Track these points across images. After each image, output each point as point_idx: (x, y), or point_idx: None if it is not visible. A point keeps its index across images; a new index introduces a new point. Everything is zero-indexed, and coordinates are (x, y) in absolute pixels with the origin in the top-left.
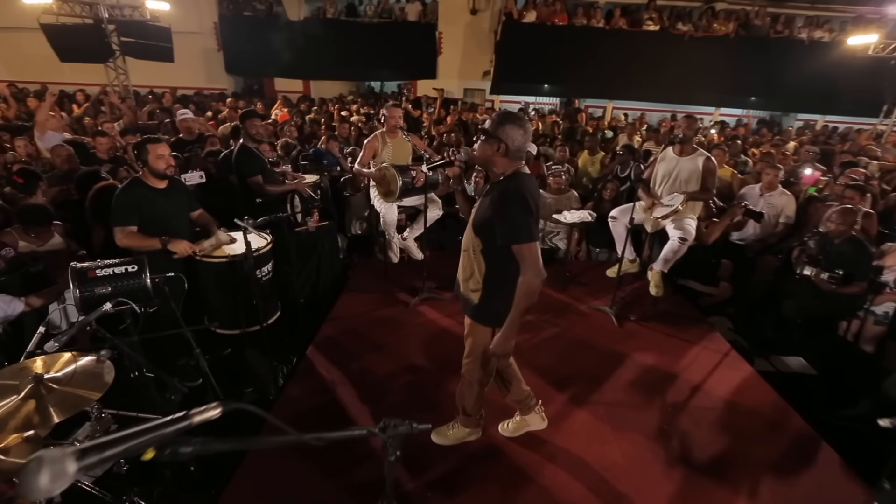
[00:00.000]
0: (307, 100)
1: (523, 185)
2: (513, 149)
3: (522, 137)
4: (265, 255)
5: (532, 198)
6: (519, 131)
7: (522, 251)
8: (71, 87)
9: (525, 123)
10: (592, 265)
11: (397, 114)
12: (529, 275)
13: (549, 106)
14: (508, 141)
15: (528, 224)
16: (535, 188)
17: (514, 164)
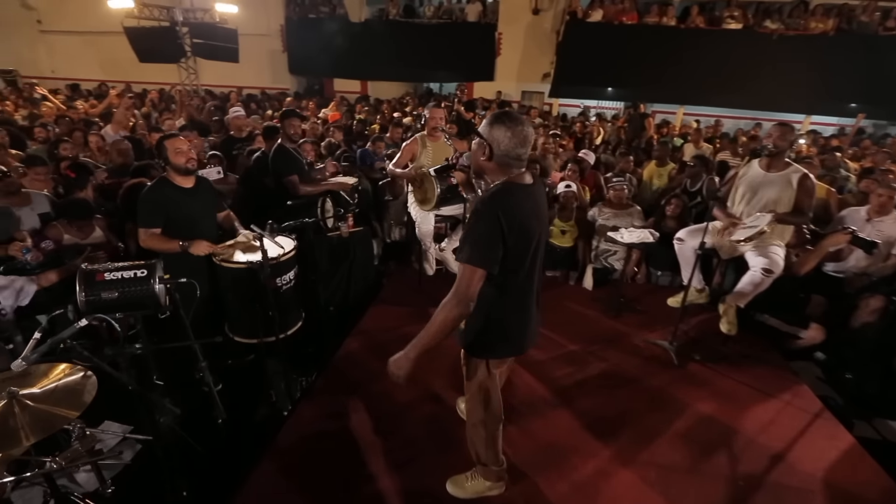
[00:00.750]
0: (364, 100)
1: (506, 199)
2: (498, 153)
3: (510, 141)
4: (287, 262)
5: (513, 216)
6: (506, 133)
7: (462, 271)
8: (150, 86)
9: (518, 125)
10: (651, 290)
11: (438, 115)
12: (452, 301)
13: (612, 110)
14: (493, 144)
15: (482, 247)
16: (529, 205)
17: (503, 171)
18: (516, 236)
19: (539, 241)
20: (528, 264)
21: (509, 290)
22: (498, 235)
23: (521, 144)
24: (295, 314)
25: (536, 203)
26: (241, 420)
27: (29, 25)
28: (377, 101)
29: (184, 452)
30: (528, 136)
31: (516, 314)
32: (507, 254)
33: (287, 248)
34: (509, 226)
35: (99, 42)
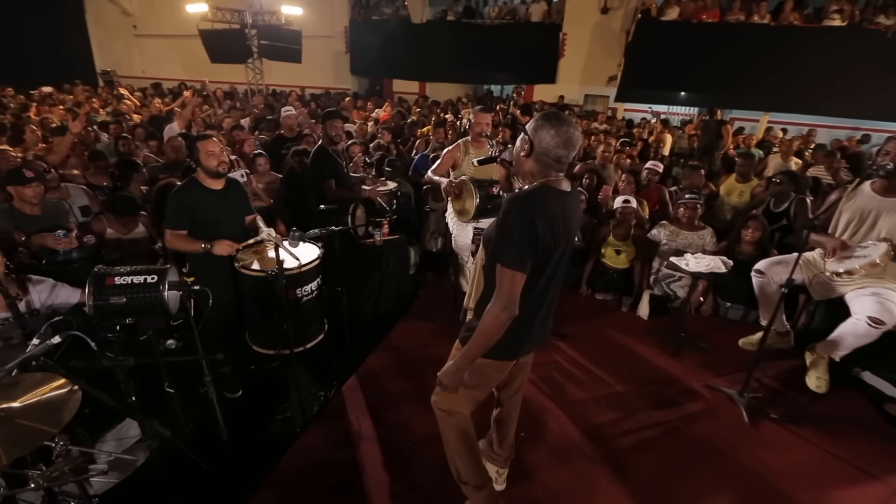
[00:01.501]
0: (422, 102)
1: (542, 201)
2: (538, 150)
3: (552, 140)
4: (310, 272)
5: (547, 220)
6: (550, 132)
7: (502, 275)
8: (223, 85)
9: (563, 126)
10: (719, 325)
11: (484, 120)
12: (497, 306)
13: (683, 116)
14: (535, 140)
15: (520, 248)
16: (566, 210)
17: (541, 172)
18: (545, 243)
19: (563, 253)
20: (549, 274)
21: (530, 289)
22: (533, 238)
23: (563, 146)
24: (317, 326)
25: (569, 212)
26: (249, 435)
27: (126, 30)
28: (434, 103)
29: (184, 469)
30: (572, 138)
31: (520, 323)
32: (538, 256)
33: (309, 258)
34: (550, 229)
35: (181, 44)
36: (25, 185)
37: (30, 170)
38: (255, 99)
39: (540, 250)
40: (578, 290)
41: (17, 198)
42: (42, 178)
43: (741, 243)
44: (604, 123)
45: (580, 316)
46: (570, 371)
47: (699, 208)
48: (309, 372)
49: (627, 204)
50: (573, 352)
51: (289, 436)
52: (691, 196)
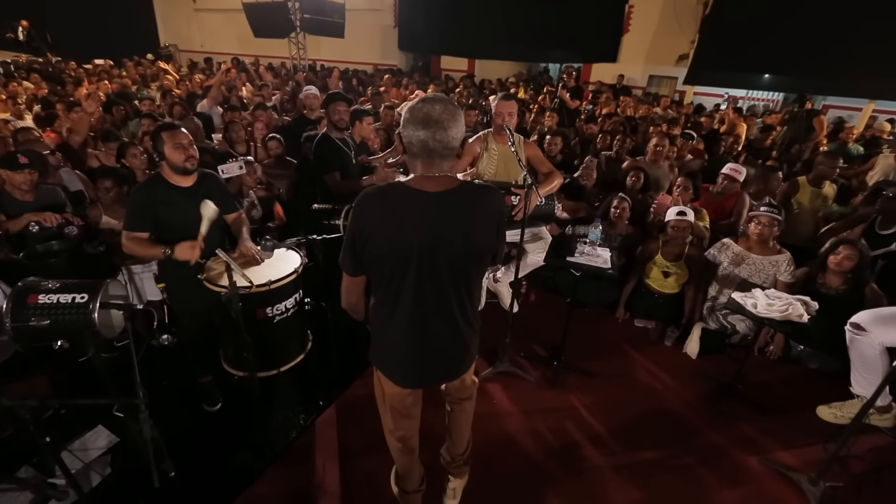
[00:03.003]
0: (468, 80)
1: (373, 198)
2: (406, 143)
3: (408, 124)
4: (285, 288)
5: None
6: (406, 115)
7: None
8: (274, 60)
9: (418, 104)
10: (790, 375)
11: (506, 109)
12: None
13: (766, 102)
14: (403, 131)
15: (345, 248)
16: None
17: (415, 164)
18: (368, 244)
19: (427, 262)
20: (410, 286)
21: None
22: (350, 238)
23: (422, 124)
24: (296, 346)
25: (428, 214)
26: (201, 472)
27: (186, 5)
28: (482, 82)
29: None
30: (429, 113)
31: (392, 334)
32: (364, 263)
33: (284, 272)
34: (359, 231)
35: (236, 18)
36: (16, 170)
37: (25, 155)
38: (298, 75)
39: (367, 255)
40: (615, 313)
41: (9, 182)
42: (36, 164)
43: (827, 272)
44: (667, 108)
45: (611, 347)
46: (588, 422)
47: (777, 226)
48: (285, 397)
49: (682, 218)
50: (595, 395)
51: (246, 477)
52: (768, 209)
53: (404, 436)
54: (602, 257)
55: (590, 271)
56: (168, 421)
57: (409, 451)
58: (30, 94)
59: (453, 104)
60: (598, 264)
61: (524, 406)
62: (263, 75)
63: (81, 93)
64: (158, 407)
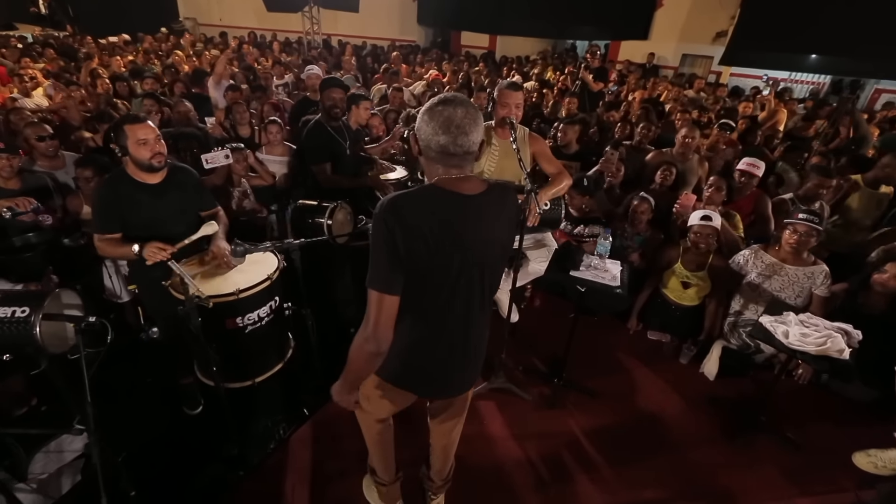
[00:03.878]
0: (488, 58)
1: (410, 206)
2: (422, 144)
3: (427, 127)
4: (259, 295)
5: (415, 228)
6: (424, 118)
7: (369, 297)
8: (292, 34)
9: (438, 107)
10: (821, 405)
11: (512, 100)
12: (362, 333)
13: (810, 85)
14: (418, 133)
15: (382, 264)
16: (464, 216)
17: (431, 169)
18: (415, 256)
19: (467, 269)
20: (445, 296)
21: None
22: (393, 251)
23: (443, 129)
24: (273, 355)
25: (471, 218)
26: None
27: None
28: (503, 59)
29: None
30: (451, 117)
31: (415, 352)
32: (409, 274)
33: (257, 279)
34: (405, 241)
35: None
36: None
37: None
38: (311, 52)
39: (410, 266)
40: (626, 323)
41: None
42: (14, 150)
43: (870, 291)
44: (700, 91)
45: (620, 362)
46: (586, 452)
47: (815, 236)
48: (262, 407)
49: (707, 223)
50: (597, 419)
51: (211, 498)
52: (806, 217)
53: (387, 419)
54: (611, 272)
55: (595, 289)
56: (145, 424)
57: (389, 429)
58: (42, 71)
59: (474, 107)
60: (605, 281)
61: (517, 429)
62: (276, 51)
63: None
64: (137, 408)
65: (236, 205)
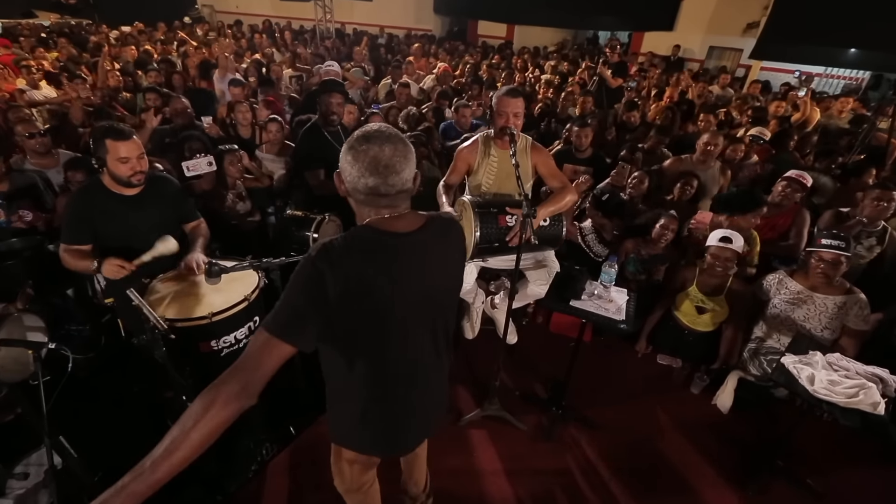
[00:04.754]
0: (504, 49)
1: (345, 249)
2: (349, 188)
3: (352, 169)
4: (235, 317)
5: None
6: (347, 159)
7: (257, 343)
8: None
9: (361, 146)
10: (847, 448)
11: (511, 109)
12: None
13: (849, 81)
14: (343, 171)
15: (292, 305)
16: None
17: (361, 211)
18: (348, 303)
19: (408, 313)
20: (395, 346)
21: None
22: (309, 297)
23: (370, 171)
24: None
25: (407, 258)
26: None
27: None
28: (522, 50)
29: None
30: (378, 157)
31: (371, 408)
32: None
33: (232, 301)
34: (335, 287)
35: None
36: None
37: None
38: (326, 42)
39: (343, 316)
40: (634, 345)
41: None
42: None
43: None
44: (725, 86)
45: (625, 389)
46: (582, 494)
47: (844, 263)
48: (242, 429)
49: (726, 246)
50: (597, 454)
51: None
52: (831, 242)
53: (371, 488)
54: (615, 303)
55: (598, 323)
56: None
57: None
58: (54, 61)
59: (403, 140)
60: (608, 314)
61: (509, 463)
62: (287, 41)
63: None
64: (121, 418)
65: (228, 207)
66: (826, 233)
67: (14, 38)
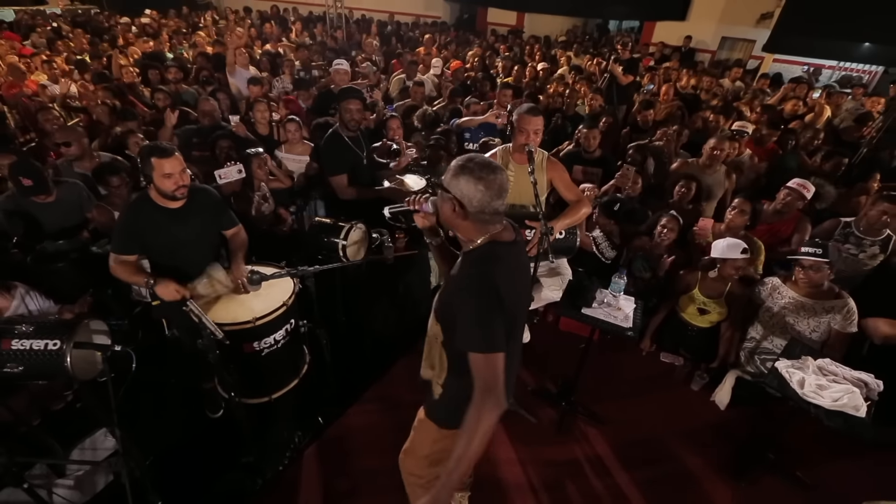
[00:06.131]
0: (514, 37)
1: (495, 265)
2: (472, 210)
3: (484, 195)
4: (275, 321)
5: (509, 281)
6: (477, 186)
7: (478, 364)
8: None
9: (489, 176)
10: (835, 445)
11: (531, 126)
12: (482, 404)
13: (861, 74)
14: (464, 199)
15: (491, 326)
16: (519, 263)
17: (482, 228)
18: (512, 308)
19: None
20: (516, 339)
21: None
22: (501, 308)
23: (497, 195)
24: (289, 372)
25: (523, 264)
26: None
27: None
28: (533, 39)
29: None
30: (503, 185)
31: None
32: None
33: (272, 306)
34: (507, 296)
35: None
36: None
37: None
38: (338, 33)
39: (510, 319)
40: (640, 344)
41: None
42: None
43: None
44: (736, 80)
45: (630, 386)
46: (589, 482)
47: (827, 269)
48: (279, 420)
49: (745, 257)
50: (603, 446)
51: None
52: (808, 249)
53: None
54: (623, 311)
55: (607, 329)
56: (168, 426)
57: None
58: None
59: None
60: (617, 321)
61: (523, 453)
62: (297, 32)
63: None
64: (161, 408)
65: (255, 210)
66: (806, 241)
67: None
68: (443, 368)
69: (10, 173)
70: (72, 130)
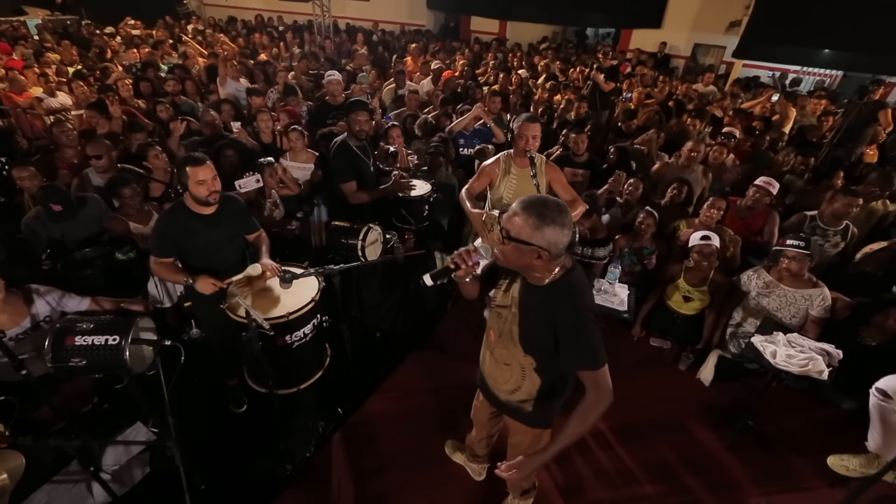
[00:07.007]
0: (498, 44)
1: (581, 288)
2: (556, 253)
3: (566, 238)
4: (303, 316)
5: (594, 304)
6: (561, 231)
7: (594, 377)
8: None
9: (565, 219)
10: (807, 411)
11: (530, 132)
12: (598, 404)
13: (820, 78)
14: (551, 247)
15: (600, 344)
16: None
17: (558, 262)
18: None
19: None
20: None
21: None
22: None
23: (570, 232)
24: (314, 365)
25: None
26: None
27: None
28: (515, 47)
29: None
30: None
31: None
32: None
33: (302, 302)
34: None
35: None
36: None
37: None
38: (326, 43)
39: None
40: (631, 330)
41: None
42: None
43: (870, 326)
44: (709, 85)
45: (623, 369)
46: (587, 449)
47: (808, 260)
48: (304, 409)
49: (707, 243)
50: (599, 422)
51: (269, 490)
52: (792, 242)
53: None
54: (619, 297)
55: (604, 313)
56: (197, 422)
57: None
58: (61, 66)
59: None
60: (613, 305)
61: None
62: (289, 41)
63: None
64: (187, 406)
65: (267, 215)
66: (790, 234)
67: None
68: (534, 388)
69: (41, 199)
70: (101, 143)
